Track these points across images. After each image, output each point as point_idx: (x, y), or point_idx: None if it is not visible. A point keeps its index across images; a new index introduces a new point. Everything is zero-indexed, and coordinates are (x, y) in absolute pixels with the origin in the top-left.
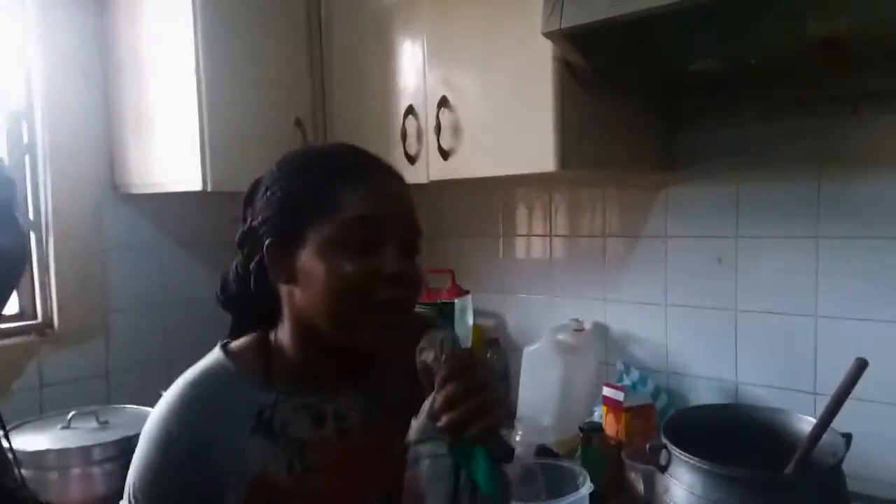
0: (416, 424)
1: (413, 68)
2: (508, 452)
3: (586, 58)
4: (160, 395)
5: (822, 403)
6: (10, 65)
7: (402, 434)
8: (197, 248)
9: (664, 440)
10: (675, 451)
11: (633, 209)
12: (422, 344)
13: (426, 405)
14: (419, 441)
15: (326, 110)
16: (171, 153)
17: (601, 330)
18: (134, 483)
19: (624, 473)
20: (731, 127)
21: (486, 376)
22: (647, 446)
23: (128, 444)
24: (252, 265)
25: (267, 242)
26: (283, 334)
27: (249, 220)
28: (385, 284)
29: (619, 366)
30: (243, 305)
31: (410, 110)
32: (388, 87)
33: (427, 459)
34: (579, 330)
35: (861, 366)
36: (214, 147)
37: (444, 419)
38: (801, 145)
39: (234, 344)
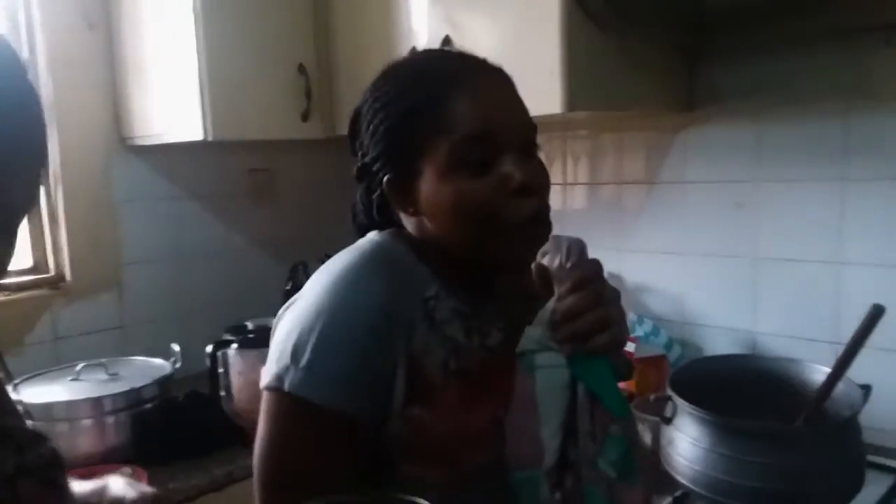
0: (530, 332)
1: (416, 6)
2: (628, 368)
3: None
4: (173, 348)
5: None
6: (12, 17)
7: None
8: (208, 200)
9: (669, 391)
10: (680, 402)
11: (649, 154)
12: (546, 247)
13: (543, 313)
14: (534, 350)
15: (330, 55)
16: (172, 102)
17: (615, 280)
18: (303, 348)
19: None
20: (753, 63)
21: (611, 289)
22: (652, 397)
23: (136, 395)
24: (375, 198)
25: (384, 179)
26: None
27: (360, 153)
28: (515, 198)
29: (632, 316)
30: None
31: (414, 51)
32: (393, 28)
33: (543, 370)
34: None
35: (877, 312)
36: (214, 95)
37: (566, 329)
38: (827, 81)
39: (391, 232)
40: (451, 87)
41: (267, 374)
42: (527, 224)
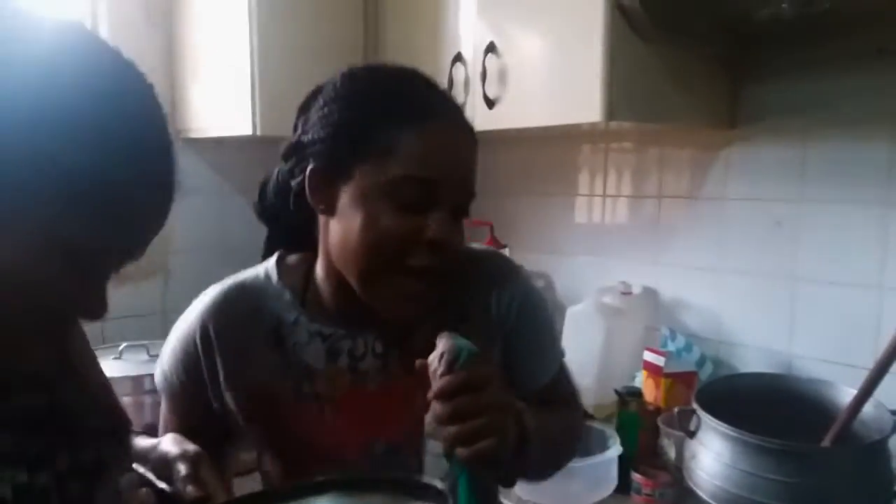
0: (427, 418)
1: (464, 14)
2: (502, 480)
3: (641, 2)
4: None
5: (884, 381)
6: (76, 9)
7: (413, 390)
8: (255, 196)
9: (694, 405)
10: (705, 416)
11: (691, 169)
12: (437, 344)
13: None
14: (428, 434)
15: (379, 57)
16: (223, 97)
17: (650, 294)
18: (160, 366)
19: (659, 440)
20: (800, 82)
21: (493, 401)
22: (676, 410)
23: None
24: (294, 182)
25: (311, 166)
26: (318, 261)
27: (300, 131)
28: (424, 249)
29: (665, 331)
30: (279, 219)
31: (458, 57)
32: (439, 33)
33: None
34: (627, 293)
35: None
36: (264, 92)
37: (431, 433)
38: (874, 102)
39: (290, 258)
40: (416, 116)
41: None
42: (423, 275)
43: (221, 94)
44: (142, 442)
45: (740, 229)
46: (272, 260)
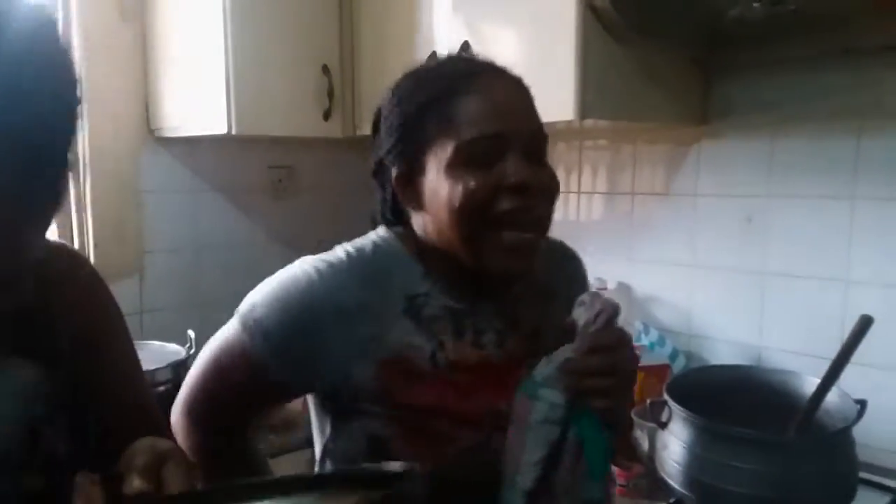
0: (544, 364)
1: (438, 12)
2: (624, 427)
3: (613, 2)
4: (188, 335)
5: (848, 371)
6: (48, 6)
7: (525, 356)
8: (230, 194)
9: (665, 396)
10: (675, 407)
11: (663, 165)
12: (582, 298)
13: (563, 351)
14: (542, 383)
15: (354, 58)
16: (199, 96)
17: (624, 289)
18: (261, 313)
19: (632, 432)
20: (768, 79)
21: (629, 360)
22: (648, 402)
23: (151, 377)
24: (387, 195)
25: (394, 173)
26: (424, 248)
27: (377, 150)
28: (507, 195)
29: (639, 325)
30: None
31: (434, 55)
32: (414, 31)
33: (542, 402)
34: (602, 289)
35: (865, 323)
36: (239, 91)
37: (571, 382)
38: (840, 99)
39: (395, 230)
40: (462, 87)
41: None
42: (516, 222)
43: (196, 93)
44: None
45: (712, 224)
46: (385, 231)
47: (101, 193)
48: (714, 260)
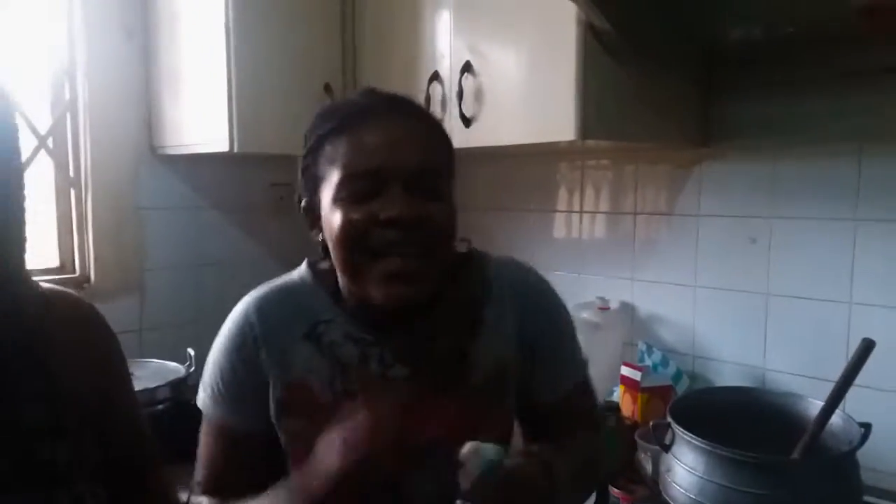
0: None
1: (440, 34)
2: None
3: (611, 21)
4: (188, 352)
5: (853, 394)
6: (55, 23)
7: (443, 390)
8: (230, 211)
9: (669, 419)
10: (679, 430)
11: (665, 186)
12: (465, 450)
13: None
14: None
15: (356, 77)
16: (201, 114)
17: (628, 309)
18: (202, 386)
19: (636, 454)
20: (769, 101)
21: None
22: (651, 424)
23: (151, 395)
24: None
25: (302, 201)
26: None
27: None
28: (381, 228)
29: (642, 346)
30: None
31: (435, 76)
32: (416, 52)
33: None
34: (604, 308)
35: (867, 346)
36: (242, 109)
37: None
38: (841, 121)
39: (322, 263)
40: (349, 125)
41: None
42: (390, 253)
43: (199, 111)
44: None
45: (714, 245)
46: (304, 265)
47: (102, 210)
48: (717, 280)
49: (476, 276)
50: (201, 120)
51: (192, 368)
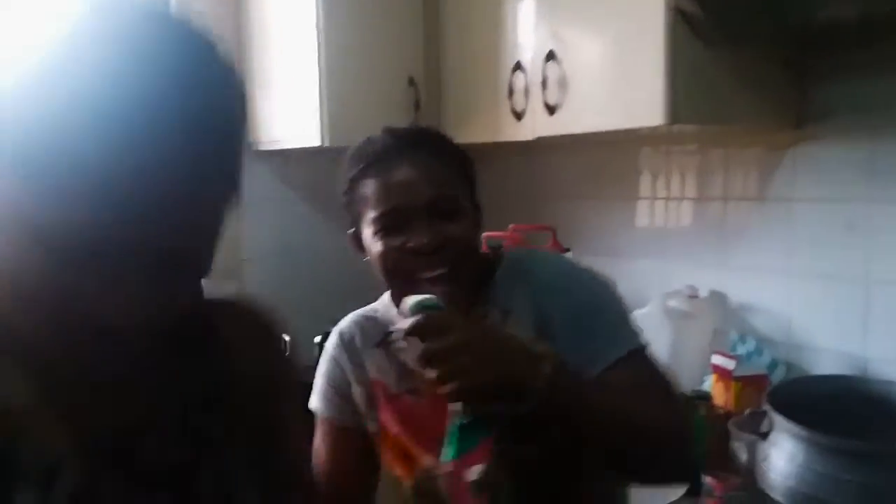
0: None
1: (522, 23)
2: (490, 417)
3: (701, 4)
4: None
5: None
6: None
7: None
8: (320, 205)
9: (767, 406)
10: (778, 417)
11: (757, 170)
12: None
13: None
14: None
15: (439, 70)
16: (293, 111)
17: (719, 298)
18: (314, 391)
19: (729, 443)
20: (866, 80)
21: (465, 337)
22: (748, 413)
23: None
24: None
25: (349, 232)
26: None
27: None
28: (408, 258)
29: (734, 335)
30: None
31: (518, 66)
32: (499, 43)
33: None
34: (693, 297)
35: None
36: (332, 105)
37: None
38: None
39: None
40: (371, 170)
41: None
42: (422, 278)
43: (290, 107)
44: None
45: (809, 231)
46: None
47: None
48: (813, 267)
49: (495, 274)
50: (292, 116)
51: (288, 353)
